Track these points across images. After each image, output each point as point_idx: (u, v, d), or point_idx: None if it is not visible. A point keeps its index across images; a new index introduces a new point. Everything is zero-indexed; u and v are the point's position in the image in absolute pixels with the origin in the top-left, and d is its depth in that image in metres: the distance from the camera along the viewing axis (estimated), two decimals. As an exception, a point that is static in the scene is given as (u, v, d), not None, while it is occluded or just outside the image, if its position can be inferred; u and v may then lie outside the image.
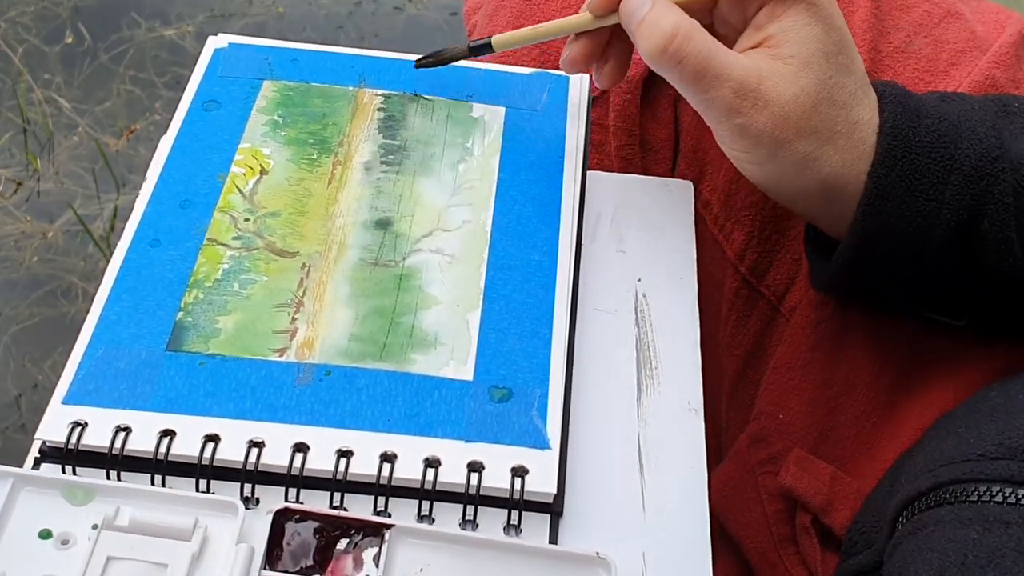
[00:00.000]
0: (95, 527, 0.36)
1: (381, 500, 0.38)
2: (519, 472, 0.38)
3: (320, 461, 0.38)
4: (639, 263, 0.47)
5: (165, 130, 0.49)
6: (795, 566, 0.50)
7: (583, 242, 0.47)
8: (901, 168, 0.42)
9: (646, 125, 0.57)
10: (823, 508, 0.49)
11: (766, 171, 0.43)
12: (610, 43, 0.47)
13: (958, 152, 0.42)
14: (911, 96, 0.44)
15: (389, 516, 0.38)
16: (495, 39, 0.47)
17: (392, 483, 0.38)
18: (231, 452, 0.38)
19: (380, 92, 0.51)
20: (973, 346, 0.48)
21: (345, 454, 0.38)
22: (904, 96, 0.43)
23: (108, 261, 0.44)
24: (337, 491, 0.38)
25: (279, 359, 0.41)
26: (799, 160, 0.42)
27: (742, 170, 0.44)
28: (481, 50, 0.48)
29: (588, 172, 0.50)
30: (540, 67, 0.54)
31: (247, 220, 0.45)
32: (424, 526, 0.37)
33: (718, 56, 0.41)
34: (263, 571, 0.36)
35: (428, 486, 0.38)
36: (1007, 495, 0.35)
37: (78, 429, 0.38)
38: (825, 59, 0.41)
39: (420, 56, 0.50)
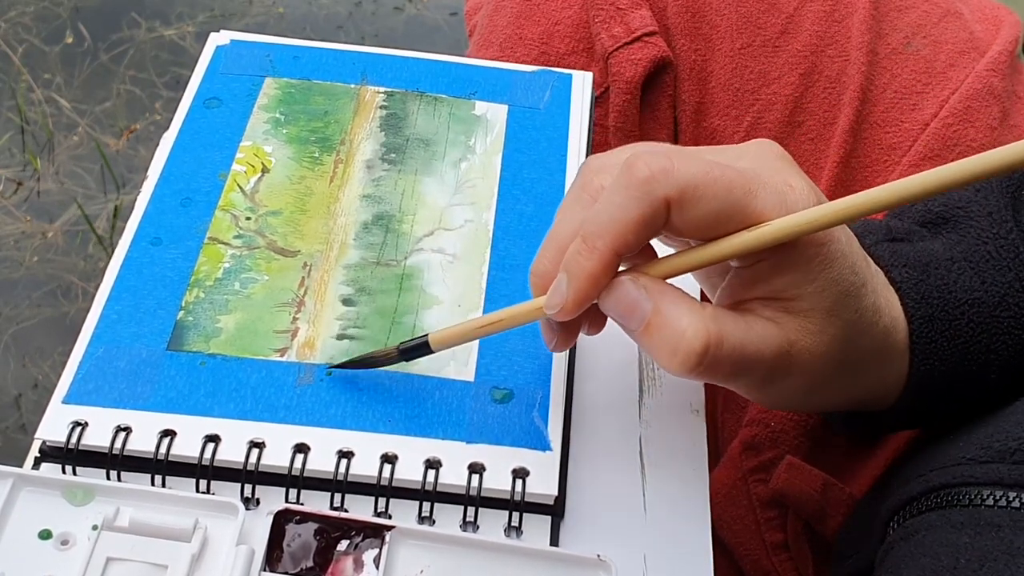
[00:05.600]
0: (95, 527, 0.36)
1: (382, 501, 0.38)
2: (520, 474, 0.38)
3: (321, 462, 0.38)
4: (641, 263, 0.47)
5: (165, 130, 0.49)
6: (788, 572, 0.50)
7: (585, 242, 0.47)
8: (938, 378, 0.40)
9: (645, 126, 0.57)
10: (815, 515, 0.49)
11: (796, 409, 0.41)
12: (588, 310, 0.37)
13: (994, 344, 0.40)
14: (928, 279, 0.40)
15: (390, 517, 0.38)
16: (432, 337, 0.39)
17: (393, 484, 0.38)
18: (231, 452, 0.38)
19: (382, 89, 0.51)
20: None
21: (346, 455, 0.38)
22: (923, 287, 0.39)
23: (108, 261, 0.44)
24: (338, 492, 0.38)
25: (280, 359, 0.41)
26: (832, 395, 0.39)
27: (769, 408, 0.40)
28: (414, 352, 0.39)
29: (590, 172, 0.50)
30: (542, 65, 0.54)
31: (248, 219, 0.45)
32: (425, 527, 0.37)
33: (751, 343, 0.34)
34: (263, 573, 0.35)
35: (429, 487, 0.38)
36: (998, 498, 0.35)
37: (78, 429, 0.38)
38: (846, 297, 0.35)
39: (342, 361, 0.41)
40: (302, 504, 0.38)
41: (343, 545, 0.36)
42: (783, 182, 0.35)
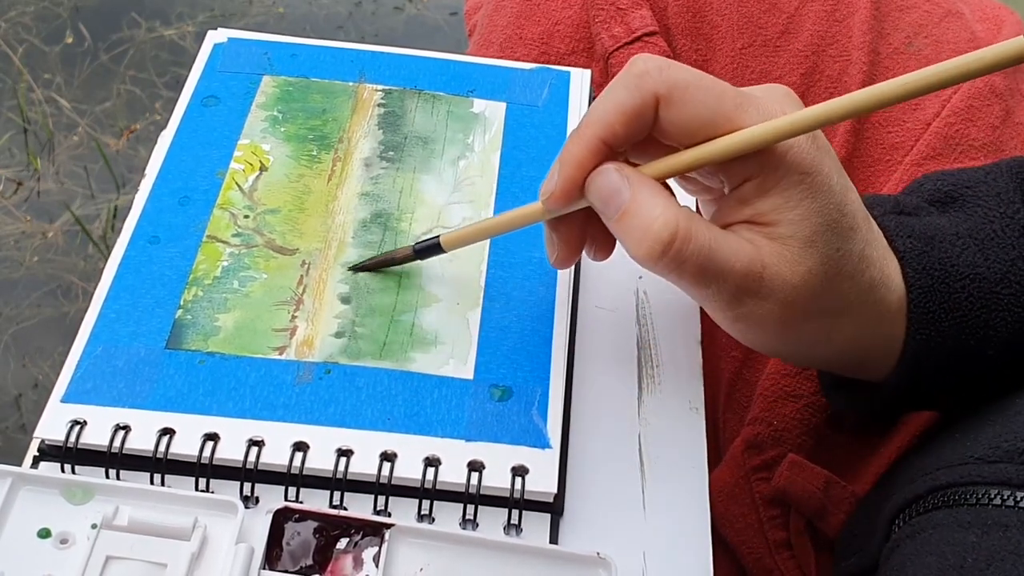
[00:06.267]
0: (94, 526, 0.36)
1: (381, 499, 0.38)
2: (519, 471, 0.38)
3: (320, 460, 0.38)
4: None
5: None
6: (790, 570, 0.50)
7: (584, 240, 0.47)
8: (936, 350, 0.39)
9: None
10: (817, 513, 0.48)
11: (773, 350, 0.41)
12: (591, 221, 0.39)
13: (993, 320, 0.40)
14: (931, 251, 0.40)
15: (389, 515, 0.38)
16: (444, 238, 0.42)
17: (392, 482, 0.38)
18: (231, 451, 0.38)
19: (380, 87, 0.51)
20: None
21: (345, 453, 0.38)
22: (925, 258, 0.39)
23: (108, 261, 0.44)
24: (337, 490, 0.38)
25: (279, 357, 0.41)
26: (809, 339, 0.38)
27: (747, 344, 0.41)
28: (428, 252, 0.42)
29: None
30: (541, 63, 0.54)
31: (247, 217, 0.45)
32: (424, 526, 0.37)
33: (720, 250, 0.35)
34: (262, 571, 0.35)
35: (428, 485, 0.38)
36: (1005, 498, 0.35)
37: (77, 428, 0.38)
38: (828, 232, 0.36)
39: (359, 261, 0.44)
40: (301, 502, 0.37)
41: (342, 543, 0.36)
42: (779, 109, 0.35)
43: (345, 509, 0.38)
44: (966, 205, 0.42)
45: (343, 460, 0.38)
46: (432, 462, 0.38)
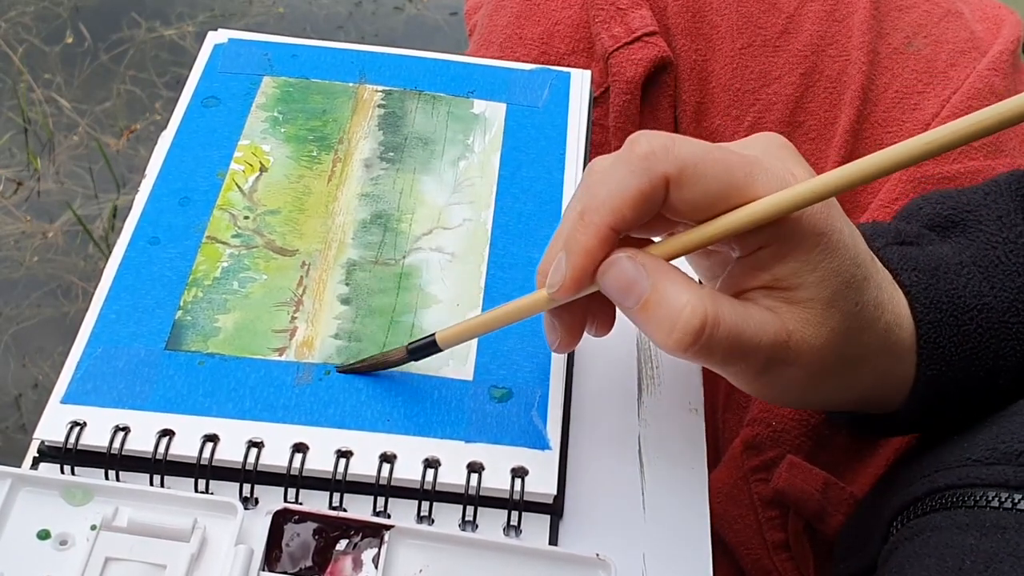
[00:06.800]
0: (94, 527, 0.36)
1: (380, 501, 0.38)
2: (519, 473, 0.38)
3: (319, 461, 0.38)
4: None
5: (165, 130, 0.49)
6: (789, 571, 0.50)
7: (584, 241, 0.47)
8: (947, 383, 0.39)
9: (645, 126, 0.57)
10: (816, 514, 0.48)
11: (794, 404, 0.40)
12: (593, 301, 0.37)
13: (1003, 350, 0.39)
14: (937, 283, 0.39)
15: (388, 517, 0.38)
16: (440, 336, 0.39)
17: (392, 483, 0.38)
18: (230, 452, 0.38)
19: (380, 88, 0.51)
20: None
21: (344, 454, 0.38)
22: (932, 291, 0.39)
23: (108, 261, 0.44)
24: (336, 491, 0.38)
25: (278, 358, 0.41)
26: (831, 391, 0.38)
27: (768, 402, 0.40)
28: (422, 351, 0.39)
29: (589, 171, 0.49)
30: (541, 63, 0.54)
31: (247, 218, 0.45)
32: (423, 527, 0.37)
33: (748, 329, 0.34)
34: (262, 572, 0.35)
35: (428, 486, 0.38)
36: (1003, 500, 0.35)
37: (77, 429, 0.38)
38: (847, 288, 0.35)
39: (351, 362, 0.41)
40: (301, 504, 0.37)
41: (342, 545, 0.36)
42: (785, 169, 0.34)
43: (345, 510, 0.38)
44: (968, 230, 0.42)
45: (343, 461, 0.38)
46: (432, 463, 0.38)
